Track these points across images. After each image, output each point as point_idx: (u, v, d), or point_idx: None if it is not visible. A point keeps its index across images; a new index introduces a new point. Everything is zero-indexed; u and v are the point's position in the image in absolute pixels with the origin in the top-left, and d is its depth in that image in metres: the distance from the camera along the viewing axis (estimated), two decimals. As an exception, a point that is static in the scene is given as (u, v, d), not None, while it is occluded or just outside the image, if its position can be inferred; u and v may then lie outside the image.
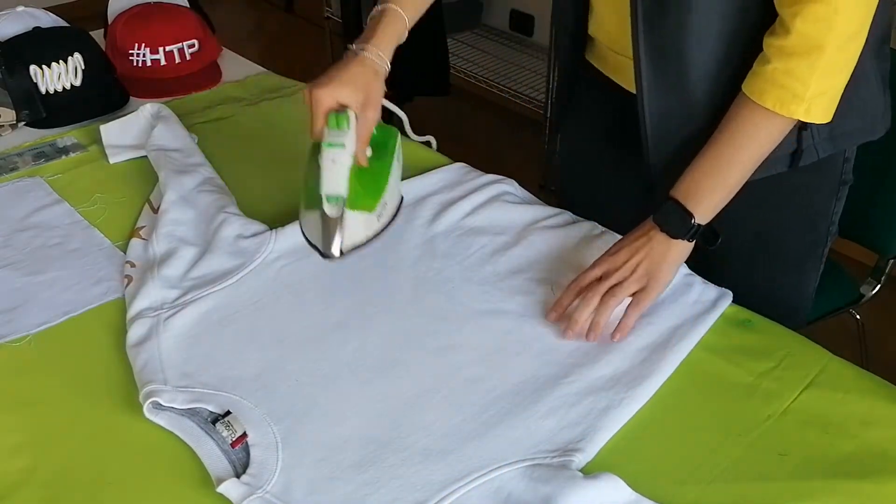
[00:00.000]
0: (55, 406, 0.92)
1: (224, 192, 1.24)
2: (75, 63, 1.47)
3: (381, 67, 1.03)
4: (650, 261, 0.99)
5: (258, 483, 0.81)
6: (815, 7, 0.90)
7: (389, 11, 1.06)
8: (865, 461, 0.85)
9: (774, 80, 0.94)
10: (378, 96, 1.03)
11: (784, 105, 0.94)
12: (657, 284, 0.98)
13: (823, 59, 0.91)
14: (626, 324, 0.97)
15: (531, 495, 0.80)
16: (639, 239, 1.00)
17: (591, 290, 0.98)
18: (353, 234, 0.95)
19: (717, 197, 0.99)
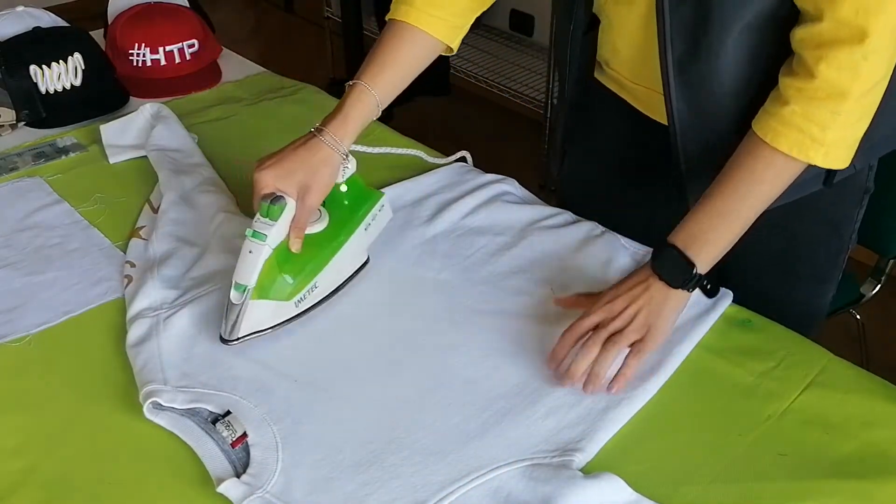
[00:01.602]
0: (55, 406, 0.92)
1: (224, 192, 1.24)
2: (75, 63, 1.47)
3: (336, 154, 1.00)
4: (649, 310, 0.93)
5: (258, 483, 0.81)
6: (842, 53, 0.86)
7: (357, 89, 1.03)
8: (865, 461, 0.85)
9: (792, 122, 0.89)
10: (324, 184, 1.00)
11: (802, 150, 0.89)
12: (657, 334, 0.93)
13: (846, 106, 0.87)
14: (624, 374, 0.91)
15: (531, 495, 0.80)
16: (637, 286, 0.95)
17: (590, 339, 0.93)
18: (255, 323, 0.95)
19: (720, 245, 0.94)
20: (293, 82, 1.62)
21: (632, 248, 1.14)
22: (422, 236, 1.16)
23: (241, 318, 0.94)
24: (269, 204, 0.95)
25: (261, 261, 0.94)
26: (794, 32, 0.90)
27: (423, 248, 1.14)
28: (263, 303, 0.95)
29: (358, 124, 1.03)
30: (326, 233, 1.03)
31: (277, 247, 0.95)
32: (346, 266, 1.06)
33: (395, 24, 1.07)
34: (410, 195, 1.24)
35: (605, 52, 1.13)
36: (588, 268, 1.10)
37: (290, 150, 1.00)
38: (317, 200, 1.00)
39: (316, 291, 1.01)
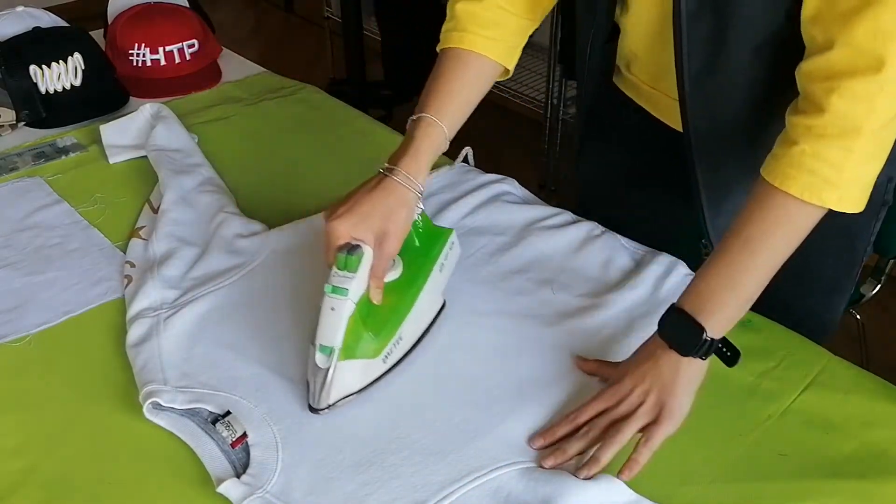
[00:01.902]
0: (55, 406, 0.92)
1: (224, 192, 1.24)
2: (75, 63, 1.47)
3: (411, 193, 0.93)
4: (661, 387, 0.84)
5: (258, 483, 0.81)
6: (856, 83, 0.79)
7: (424, 122, 0.97)
8: (865, 461, 0.85)
9: (802, 164, 0.82)
10: (402, 228, 0.92)
11: (814, 192, 0.82)
12: (671, 415, 0.83)
13: (859, 142, 0.80)
14: (636, 460, 0.82)
15: (531, 495, 0.80)
16: (644, 362, 0.86)
17: (592, 424, 0.85)
18: (345, 386, 0.88)
19: (733, 306, 0.86)
20: (293, 82, 1.62)
21: (632, 248, 1.14)
22: (422, 236, 1.16)
23: (330, 384, 0.86)
24: (346, 255, 0.87)
25: (345, 318, 0.85)
26: (800, 67, 0.85)
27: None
28: (351, 363, 0.87)
29: (429, 159, 0.97)
30: (403, 279, 0.95)
31: (361, 305, 0.87)
32: (427, 312, 0.98)
33: (451, 51, 1.02)
34: (410, 195, 1.24)
35: (625, 57, 1.12)
36: (588, 268, 1.10)
37: (361, 194, 0.92)
38: (396, 247, 0.92)
39: (401, 344, 0.93)
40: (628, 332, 0.99)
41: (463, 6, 1.02)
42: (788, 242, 0.85)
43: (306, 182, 1.31)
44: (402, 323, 0.93)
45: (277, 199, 1.26)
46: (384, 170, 0.94)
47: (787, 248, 0.85)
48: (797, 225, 0.85)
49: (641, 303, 1.04)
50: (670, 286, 1.06)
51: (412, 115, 0.99)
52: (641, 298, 1.04)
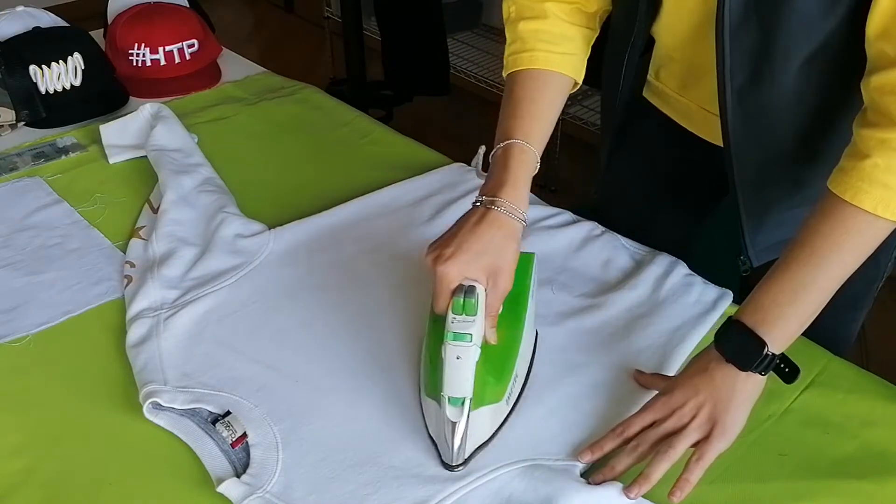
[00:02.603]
0: (55, 406, 0.92)
1: (224, 192, 1.24)
2: (75, 63, 1.47)
3: (517, 223, 0.89)
4: (715, 402, 0.81)
5: (258, 483, 0.81)
6: None
7: (516, 148, 0.93)
8: (865, 461, 0.85)
9: (874, 178, 0.79)
10: (512, 261, 0.88)
11: (889, 207, 0.79)
12: (724, 431, 0.80)
13: None
14: (687, 479, 0.79)
15: (531, 496, 0.80)
16: (698, 375, 0.83)
17: (641, 438, 0.82)
18: (480, 435, 0.84)
19: (796, 321, 0.83)
20: (293, 82, 1.62)
21: (632, 248, 1.14)
22: (422, 236, 1.16)
23: (465, 436, 0.82)
24: (463, 298, 0.82)
25: (473, 366, 0.81)
26: (869, 81, 0.82)
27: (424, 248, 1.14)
28: (481, 411, 0.83)
29: (528, 185, 0.94)
30: (505, 312, 0.90)
31: (484, 348, 0.83)
32: (530, 344, 0.95)
33: (524, 73, 0.99)
34: (410, 195, 1.24)
35: (655, 64, 1.10)
36: (588, 268, 1.10)
37: (466, 231, 0.87)
38: (509, 283, 0.88)
39: (517, 381, 0.90)
40: (628, 332, 1.00)
41: (526, 25, 0.99)
42: (856, 257, 0.83)
43: (306, 182, 1.31)
44: (515, 359, 0.89)
45: (277, 199, 1.26)
46: (484, 202, 0.89)
47: (854, 263, 0.83)
48: (866, 239, 0.82)
49: (641, 303, 1.04)
50: (670, 286, 1.06)
51: (498, 144, 0.95)
52: (641, 298, 1.04)
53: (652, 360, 0.96)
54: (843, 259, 0.82)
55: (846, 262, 0.82)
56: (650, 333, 0.99)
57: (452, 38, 3.12)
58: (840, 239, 0.82)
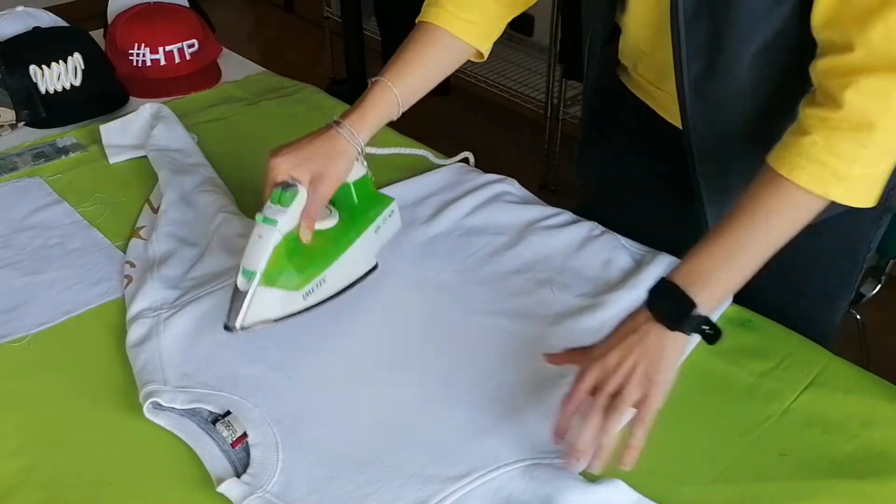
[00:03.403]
0: (55, 406, 0.92)
1: (224, 192, 1.24)
2: (75, 63, 1.47)
3: (351, 147, 0.98)
4: (647, 360, 0.82)
5: (258, 483, 0.81)
6: (872, 80, 0.79)
7: (379, 86, 1.01)
8: (865, 461, 0.85)
9: (812, 155, 0.81)
10: (337, 175, 0.98)
11: (821, 184, 0.81)
12: (659, 389, 0.82)
13: (874, 137, 0.80)
14: (633, 446, 0.81)
15: (531, 495, 0.80)
16: (630, 334, 0.84)
17: (592, 409, 0.83)
18: (262, 312, 0.92)
19: (726, 285, 0.85)
20: (293, 82, 1.62)
21: (632, 248, 1.14)
22: (422, 236, 1.16)
23: (248, 306, 0.90)
24: (281, 191, 0.93)
25: (270, 245, 0.91)
26: (816, 64, 0.85)
27: (424, 249, 1.14)
28: (272, 291, 0.92)
29: (376, 121, 1.01)
30: (336, 230, 1.01)
31: (287, 235, 0.93)
32: (355, 266, 1.03)
33: (424, 25, 1.05)
34: (410, 195, 1.24)
35: (631, 57, 1.12)
36: (588, 268, 1.10)
37: (306, 140, 0.98)
38: (329, 190, 0.97)
39: (324, 287, 0.98)
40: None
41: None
42: (787, 229, 0.85)
43: (306, 182, 1.31)
44: (327, 267, 0.98)
45: (277, 199, 1.26)
46: (333, 122, 0.99)
47: (785, 235, 0.85)
48: (799, 214, 0.85)
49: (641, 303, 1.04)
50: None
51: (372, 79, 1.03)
52: (641, 298, 1.03)
53: (652, 360, 0.96)
54: (774, 231, 0.84)
55: (777, 234, 0.84)
56: (650, 333, 0.99)
57: (452, 38, 3.12)
58: (773, 211, 0.84)
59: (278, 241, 0.92)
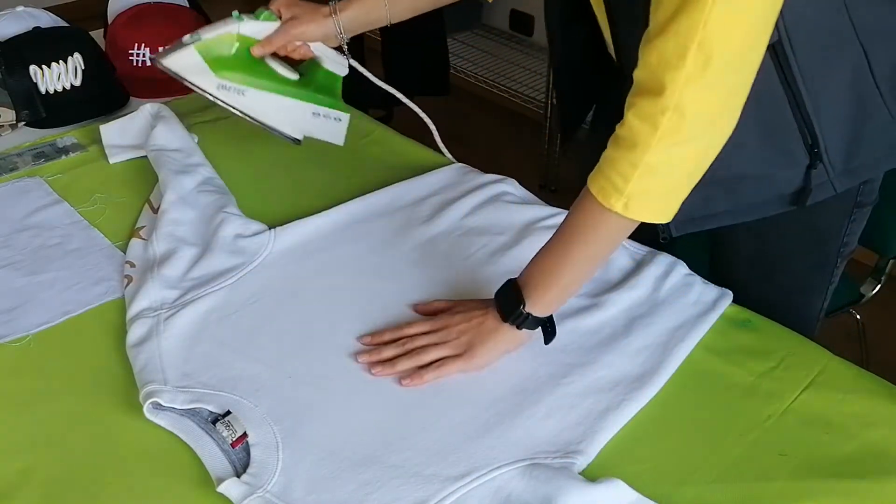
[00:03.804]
0: (55, 406, 0.92)
1: (224, 192, 1.24)
2: (75, 63, 1.47)
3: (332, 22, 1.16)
4: (476, 334, 0.95)
5: (258, 483, 0.81)
6: (645, 102, 0.83)
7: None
8: (865, 461, 0.85)
9: (602, 167, 0.88)
10: (310, 29, 1.16)
11: (605, 196, 0.87)
12: (472, 358, 0.94)
13: (644, 158, 0.83)
14: (421, 376, 0.93)
15: (531, 495, 0.80)
16: (478, 309, 0.97)
17: (413, 340, 0.96)
18: (182, 66, 1.12)
19: (553, 288, 0.93)
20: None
21: (632, 248, 1.14)
22: (422, 236, 1.16)
23: (177, 52, 1.10)
24: (263, 11, 1.14)
25: (224, 27, 1.12)
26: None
27: (424, 249, 1.14)
28: (198, 57, 1.11)
29: (361, 11, 1.18)
30: (286, 80, 1.18)
31: (242, 39, 1.13)
32: (278, 114, 1.18)
33: None
34: (410, 195, 1.24)
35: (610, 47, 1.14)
36: (588, 268, 1.10)
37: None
38: (297, 34, 1.15)
39: (240, 99, 1.15)
40: (628, 332, 1.00)
41: None
42: (596, 242, 0.92)
43: (306, 182, 1.31)
44: (252, 85, 1.16)
45: (277, 199, 1.26)
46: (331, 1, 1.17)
47: (595, 248, 0.92)
48: (598, 224, 0.90)
49: (641, 303, 1.04)
50: (670, 286, 1.06)
51: None
52: (641, 298, 1.05)
53: (652, 360, 0.96)
54: (584, 242, 0.92)
55: (589, 240, 0.92)
56: (650, 333, 0.99)
57: (452, 38, 3.12)
58: (581, 220, 0.91)
59: (233, 32, 1.12)
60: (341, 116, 1.23)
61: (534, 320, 0.94)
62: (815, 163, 0.98)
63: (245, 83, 1.15)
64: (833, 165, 1.00)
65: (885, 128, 1.01)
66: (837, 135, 0.99)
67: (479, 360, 0.94)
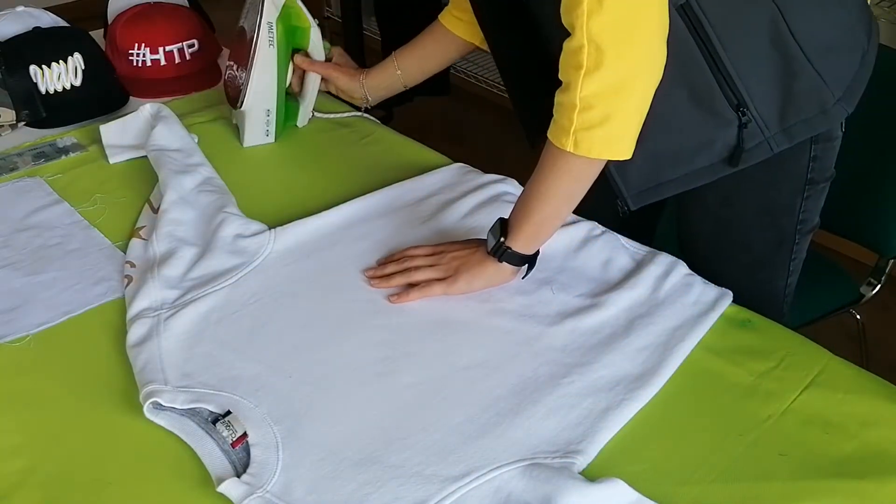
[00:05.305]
0: (55, 406, 0.92)
1: (224, 192, 1.24)
2: (75, 63, 1.47)
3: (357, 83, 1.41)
4: (464, 262, 1.05)
5: (258, 483, 0.81)
6: (565, 47, 0.92)
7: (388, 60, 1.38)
8: (865, 461, 0.85)
9: (551, 111, 0.97)
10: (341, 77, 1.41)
11: (556, 137, 0.96)
12: (453, 284, 1.04)
13: (580, 95, 0.92)
14: (409, 295, 1.04)
15: (531, 495, 0.80)
16: (473, 245, 1.07)
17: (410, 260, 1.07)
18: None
19: (530, 225, 1.02)
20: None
21: (632, 248, 1.14)
22: (422, 236, 1.16)
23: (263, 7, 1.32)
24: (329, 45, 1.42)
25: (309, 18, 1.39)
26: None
27: (423, 248, 1.14)
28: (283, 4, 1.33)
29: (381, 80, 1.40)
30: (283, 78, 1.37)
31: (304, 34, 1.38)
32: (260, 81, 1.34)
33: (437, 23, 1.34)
34: (410, 195, 1.24)
35: None
36: (588, 268, 1.10)
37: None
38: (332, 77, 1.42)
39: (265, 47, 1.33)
40: (628, 332, 1.00)
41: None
42: (559, 182, 1.00)
43: (306, 182, 1.31)
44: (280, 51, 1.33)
45: (277, 199, 1.26)
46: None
47: (560, 187, 1.00)
48: (559, 166, 0.98)
49: (641, 303, 1.04)
50: (670, 286, 1.06)
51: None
52: (641, 298, 1.05)
53: (652, 360, 0.96)
54: (550, 177, 1.00)
55: (552, 180, 1.00)
56: (650, 333, 0.99)
57: (452, 38, 3.11)
58: (547, 162, 0.99)
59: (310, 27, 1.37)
60: (269, 133, 1.39)
61: (516, 255, 1.03)
62: (744, 122, 1.02)
63: (279, 43, 1.30)
64: (768, 125, 1.04)
65: (815, 88, 1.04)
66: (765, 93, 1.03)
67: (459, 285, 1.04)
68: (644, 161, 1.01)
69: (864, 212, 1.42)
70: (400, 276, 1.06)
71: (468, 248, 1.07)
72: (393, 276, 1.06)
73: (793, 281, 1.24)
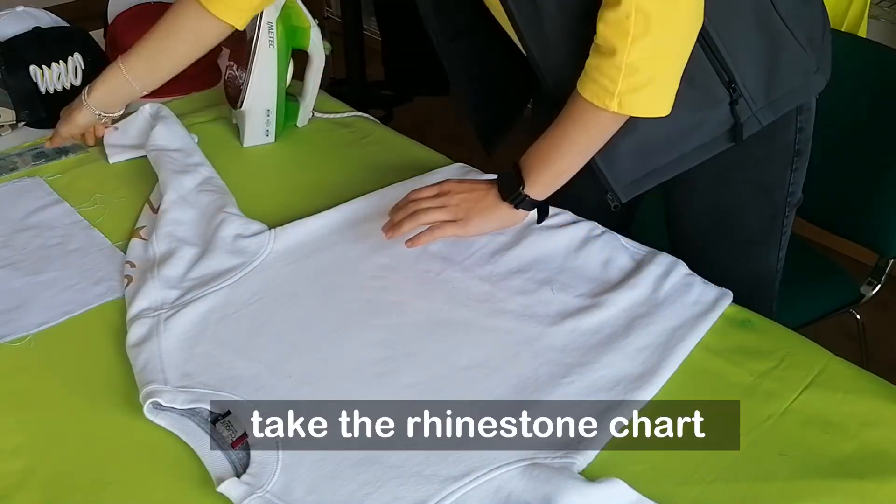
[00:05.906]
0: (55, 406, 0.92)
1: (224, 192, 1.24)
2: (75, 63, 1.47)
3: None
4: (475, 205, 1.06)
5: (258, 483, 0.81)
6: (609, 11, 0.94)
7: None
8: (865, 461, 0.85)
9: (589, 74, 0.98)
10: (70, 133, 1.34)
11: (598, 98, 0.98)
12: (465, 226, 1.06)
13: (619, 59, 0.94)
14: (420, 239, 1.06)
15: (531, 495, 0.80)
16: (483, 187, 1.08)
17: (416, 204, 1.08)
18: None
19: (548, 175, 1.04)
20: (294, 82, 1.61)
21: (632, 248, 1.14)
22: (422, 236, 1.16)
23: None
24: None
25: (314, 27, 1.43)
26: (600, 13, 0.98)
27: (423, 248, 1.14)
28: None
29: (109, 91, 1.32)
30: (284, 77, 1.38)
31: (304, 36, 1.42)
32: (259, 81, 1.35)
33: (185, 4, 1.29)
34: (410, 195, 1.24)
35: None
36: (588, 268, 1.10)
37: None
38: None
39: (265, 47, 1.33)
40: (628, 332, 1.00)
41: None
42: (590, 134, 1.02)
43: (306, 182, 1.31)
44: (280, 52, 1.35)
45: (277, 199, 1.26)
46: None
47: (597, 136, 1.03)
48: (594, 123, 1.01)
49: (641, 303, 1.04)
50: (670, 286, 1.06)
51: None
52: (641, 298, 1.05)
53: (652, 360, 0.96)
54: (578, 132, 1.03)
55: (581, 135, 1.03)
56: (650, 333, 0.99)
57: (452, 38, 3.11)
58: (575, 118, 1.02)
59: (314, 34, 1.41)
60: (269, 133, 1.39)
61: (530, 202, 1.05)
62: (735, 98, 1.05)
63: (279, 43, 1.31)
64: (755, 100, 1.06)
65: (798, 58, 1.08)
66: (753, 69, 1.05)
67: (472, 228, 1.06)
68: (633, 151, 1.05)
69: (864, 212, 1.43)
70: (409, 220, 1.06)
71: (476, 189, 1.08)
72: (402, 223, 1.06)
73: (783, 256, 1.26)
